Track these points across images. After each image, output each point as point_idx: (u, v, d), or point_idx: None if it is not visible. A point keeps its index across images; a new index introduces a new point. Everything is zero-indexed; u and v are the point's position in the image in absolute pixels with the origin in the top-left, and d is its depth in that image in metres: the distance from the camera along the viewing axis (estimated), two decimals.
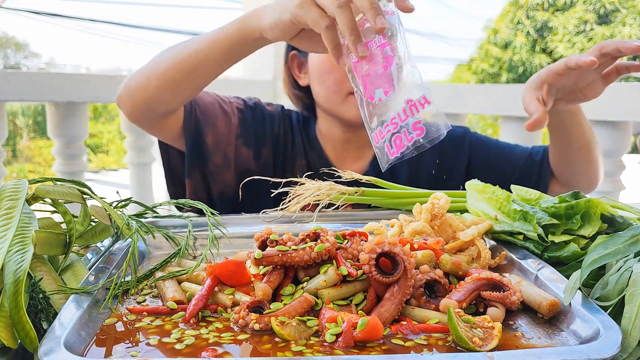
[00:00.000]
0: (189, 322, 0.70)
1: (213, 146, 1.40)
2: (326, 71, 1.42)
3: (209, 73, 1.25)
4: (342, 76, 1.40)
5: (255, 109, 1.49)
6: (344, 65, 0.95)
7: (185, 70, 1.24)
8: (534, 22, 15.44)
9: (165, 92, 1.27)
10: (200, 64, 1.23)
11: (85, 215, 0.88)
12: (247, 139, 1.46)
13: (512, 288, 0.73)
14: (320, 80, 1.45)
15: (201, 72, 1.24)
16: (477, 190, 1.04)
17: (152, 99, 1.28)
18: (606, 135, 2.32)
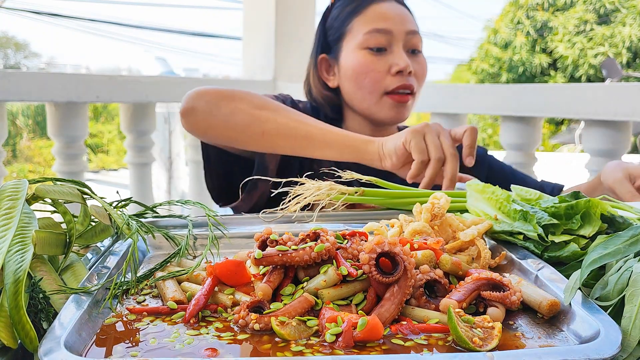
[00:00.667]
0: (189, 322, 0.70)
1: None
2: (362, 72, 1.47)
3: (294, 153, 1.32)
4: (378, 76, 1.46)
5: (294, 106, 1.54)
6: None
7: (290, 146, 1.30)
8: (534, 22, 15.45)
9: (259, 147, 1.32)
10: (307, 152, 1.31)
11: (85, 215, 0.88)
12: None
13: (512, 288, 0.73)
14: (356, 81, 1.49)
15: (301, 153, 1.31)
16: (477, 190, 1.04)
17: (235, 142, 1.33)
18: (606, 135, 2.32)
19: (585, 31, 14.75)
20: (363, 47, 1.47)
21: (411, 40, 1.49)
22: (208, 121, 1.32)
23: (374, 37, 1.46)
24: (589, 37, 14.62)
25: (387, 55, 1.47)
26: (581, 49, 14.52)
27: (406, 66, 1.45)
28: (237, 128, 1.30)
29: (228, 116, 1.30)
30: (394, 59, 1.46)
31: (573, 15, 14.91)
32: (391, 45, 1.47)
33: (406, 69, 1.45)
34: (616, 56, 14.12)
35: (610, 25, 14.54)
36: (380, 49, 1.46)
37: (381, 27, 1.46)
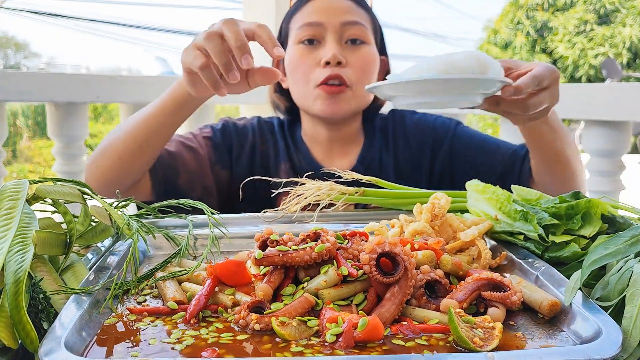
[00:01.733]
0: (190, 322, 0.70)
1: (188, 184, 1.42)
2: (295, 66, 1.45)
3: (163, 139, 1.32)
4: (308, 69, 1.43)
5: (225, 130, 1.52)
6: (224, 94, 1.11)
7: (139, 144, 1.30)
8: (534, 22, 15.45)
9: (129, 167, 1.32)
10: (152, 135, 1.30)
11: (85, 215, 0.88)
12: (223, 162, 1.49)
13: (513, 288, 0.73)
14: (291, 77, 1.48)
15: (155, 140, 1.31)
16: (477, 191, 1.04)
17: (117, 177, 1.33)
18: (606, 135, 2.32)
19: (586, 31, 14.75)
20: (297, 41, 1.45)
21: (348, 31, 1.44)
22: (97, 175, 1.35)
23: (304, 30, 1.44)
24: (589, 38, 14.62)
25: (319, 48, 1.44)
26: (581, 49, 14.52)
27: (333, 56, 1.40)
28: (108, 170, 1.33)
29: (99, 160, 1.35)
30: (324, 51, 1.43)
31: (573, 16, 14.91)
32: (324, 38, 1.44)
33: (334, 59, 1.40)
34: (616, 56, 14.13)
35: (610, 26, 14.55)
36: (311, 41, 1.44)
37: (312, 20, 1.44)
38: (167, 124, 1.30)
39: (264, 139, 1.54)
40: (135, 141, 1.30)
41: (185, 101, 1.26)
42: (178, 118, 1.30)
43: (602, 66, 11.78)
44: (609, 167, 2.37)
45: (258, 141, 1.53)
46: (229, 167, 1.50)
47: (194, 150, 1.45)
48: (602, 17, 14.81)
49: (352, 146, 1.54)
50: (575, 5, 15.18)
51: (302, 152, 1.52)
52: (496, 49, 15.73)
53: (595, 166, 2.39)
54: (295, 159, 1.52)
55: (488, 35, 16.33)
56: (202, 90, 1.20)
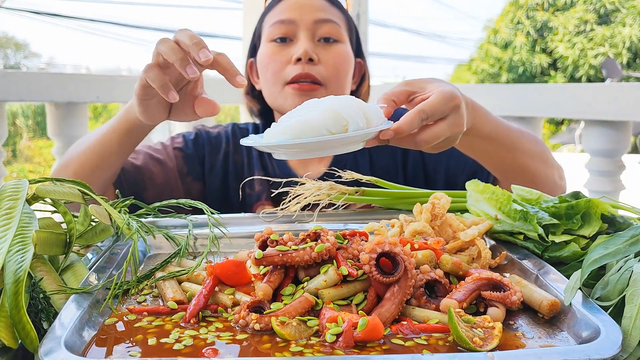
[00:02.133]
0: (189, 322, 0.70)
1: (156, 197, 1.37)
2: (265, 64, 1.43)
3: (115, 160, 1.28)
4: (279, 66, 1.40)
5: (197, 140, 1.49)
6: (174, 99, 1.00)
7: (91, 167, 1.27)
8: (534, 22, 15.45)
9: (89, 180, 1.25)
10: (103, 160, 1.27)
11: (85, 215, 0.88)
12: (196, 173, 1.46)
13: (513, 288, 0.73)
14: (262, 76, 1.45)
15: (107, 163, 1.28)
16: (477, 190, 1.04)
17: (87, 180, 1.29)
18: (606, 135, 2.32)
19: (586, 31, 14.75)
20: (269, 39, 1.43)
21: (321, 29, 1.41)
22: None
23: (276, 28, 1.42)
24: (589, 38, 14.62)
25: (291, 45, 1.41)
26: (581, 49, 14.52)
27: (304, 53, 1.36)
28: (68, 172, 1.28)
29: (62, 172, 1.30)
30: (295, 48, 1.40)
31: (573, 16, 14.91)
32: (296, 35, 1.41)
33: (305, 55, 1.36)
34: (616, 56, 14.13)
35: (610, 26, 14.54)
36: (283, 39, 1.42)
37: (284, 18, 1.42)
38: (116, 150, 1.26)
39: (237, 147, 1.50)
40: (89, 161, 1.27)
41: (134, 127, 1.21)
42: (127, 143, 1.26)
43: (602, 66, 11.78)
44: (609, 167, 2.37)
45: (231, 150, 1.49)
46: (201, 178, 1.46)
47: (162, 163, 1.41)
48: (602, 17, 14.81)
49: None
50: (576, 5, 15.17)
51: (276, 160, 1.46)
52: (496, 49, 15.74)
53: (595, 166, 2.39)
54: (269, 166, 1.48)
55: (488, 35, 16.33)
56: (151, 115, 1.13)
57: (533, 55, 15.29)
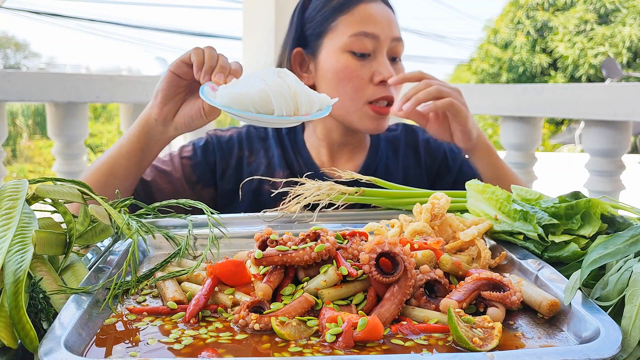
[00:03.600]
0: (189, 322, 0.70)
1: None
2: (345, 77, 1.38)
3: (128, 174, 1.28)
4: (361, 84, 1.37)
5: (207, 146, 1.47)
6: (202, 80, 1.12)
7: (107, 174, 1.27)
8: (534, 21, 15.45)
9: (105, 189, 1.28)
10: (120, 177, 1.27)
11: (85, 215, 0.88)
12: (207, 180, 1.44)
13: (512, 288, 0.73)
14: (337, 86, 1.40)
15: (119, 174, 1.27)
16: (477, 190, 1.04)
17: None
18: (606, 135, 2.32)
19: (586, 31, 14.75)
20: (347, 49, 1.38)
21: (395, 48, 1.41)
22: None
23: (360, 40, 1.37)
24: (589, 37, 14.62)
25: (371, 61, 1.39)
26: (581, 48, 14.52)
27: (390, 76, 1.37)
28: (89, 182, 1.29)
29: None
30: (378, 67, 1.38)
31: (573, 15, 14.91)
32: (375, 52, 1.39)
33: (389, 79, 1.37)
34: (616, 56, 14.13)
35: (610, 25, 14.54)
36: (364, 54, 1.38)
37: (369, 32, 1.37)
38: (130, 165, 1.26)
39: (252, 150, 1.48)
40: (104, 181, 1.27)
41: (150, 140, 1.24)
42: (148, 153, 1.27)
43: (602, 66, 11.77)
44: (609, 167, 2.37)
45: (246, 153, 1.47)
46: (212, 185, 1.45)
47: (168, 174, 1.41)
48: (602, 16, 14.81)
49: (357, 151, 1.51)
50: (576, 4, 15.17)
51: (303, 156, 1.48)
52: (496, 49, 15.73)
53: (595, 166, 2.39)
54: (295, 164, 1.47)
55: (488, 35, 16.33)
56: (166, 111, 1.21)
57: (533, 55, 15.29)
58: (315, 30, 1.44)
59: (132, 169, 1.27)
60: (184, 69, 1.18)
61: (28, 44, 30.95)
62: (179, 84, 1.20)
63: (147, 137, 1.24)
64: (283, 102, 0.98)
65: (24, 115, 12.42)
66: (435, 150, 1.57)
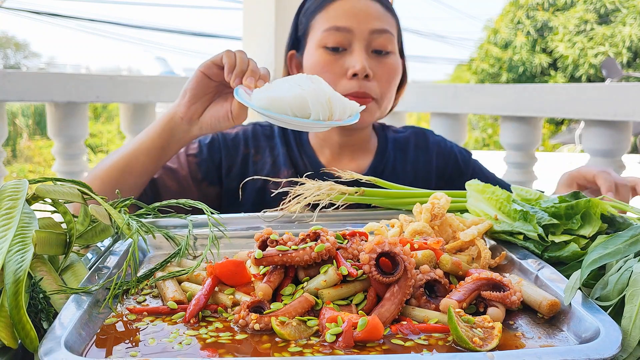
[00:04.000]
0: (189, 322, 0.70)
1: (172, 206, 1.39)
2: (319, 72, 1.38)
3: (145, 172, 1.28)
4: (333, 79, 1.37)
5: (213, 144, 1.46)
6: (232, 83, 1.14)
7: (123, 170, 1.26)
8: (534, 21, 15.45)
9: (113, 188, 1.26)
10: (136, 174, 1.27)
11: (85, 215, 0.88)
12: (211, 178, 1.44)
13: (512, 288, 0.73)
14: None
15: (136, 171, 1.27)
16: (477, 190, 1.04)
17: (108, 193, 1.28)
18: (606, 135, 2.32)
19: (586, 31, 14.75)
20: (321, 45, 1.38)
21: (376, 40, 1.37)
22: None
23: (332, 35, 1.36)
24: (589, 37, 14.62)
25: (345, 55, 1.37)
26: (581, 48, 14.52)
27: (362, 69, 1.34)
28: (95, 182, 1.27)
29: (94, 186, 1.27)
30: (351, 61, 1.35)
31: (573, 15, 14.91)
32: (351, 45, 1.37)
33: (362, 72, 1.34)
34: (616, 56, 14.13)
35: (610, 25, 14.55)
36: (337, 48, 1.37)
37: (341, 25, 1.36)
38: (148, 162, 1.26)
39: (258, 148, 1.48)
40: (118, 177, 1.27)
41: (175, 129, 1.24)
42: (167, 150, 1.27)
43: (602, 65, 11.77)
44: (609, 167, 2.37)
45: (252, 151, 1.47)
46: (218, 182, 1.45)
47: (174, 172, 1.40)
48: (603, 16, 14.81)
49: (361, 152, 1.51)
50: (576, 4, 15.18)
51: (308, 156, 1.48)
52: (496, 49, 15.73)
53: (595, 166, 2.39)
54: (300, 163, 1.47)
55: (488, 35, 16.32)
56: (194, 109, 1.21)
57: (533, 55, 15.29)
58: (302, 32, 1.46)
59: (150, 167, 1.27)
60: (214, 70, 1.18)
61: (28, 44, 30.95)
62: (208, 84, 1.20)
63: (170, 135, 1.24)
64: (319, 106, 1.01)
65: (24, 115, 12.43)
66: (448, 152, 1.57)
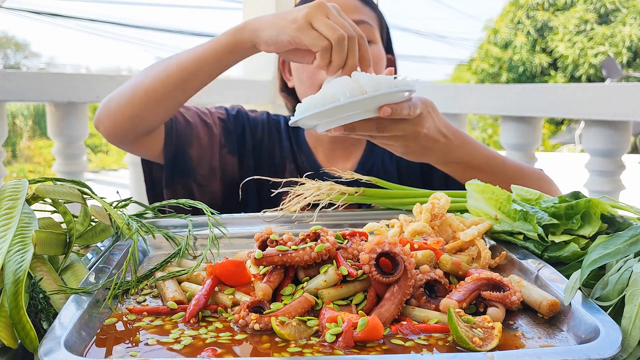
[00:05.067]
0: (189, 322, 0.70)
1: (198, 158, 1.41)
2: (300, 66, 1.42)
3: (196, 85, 1.27)
4: (314, 71, 1.39)
5: (238, 117, 1.50)
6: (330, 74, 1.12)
7: (172, 84, 1.25)
8: (534, 21, 15.45)
9: (150, 109, 1.28)
10: (190, 76, 1.25)
11: (85, 215, 0.88)
12: (231, 147, 1.47)
13: (512, 288, 0.73)
14: (296, 76, 1.46)
15: (189, 84, 1.26)
16: (477, 190, 1.04)
17: (135, 117, 1.29)
18: (606, 135, 2.32)
19: (586, 31, 14.75)
20: None
21: None
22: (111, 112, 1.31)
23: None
24: (589, 37, 14.62)
25: None
26: (581, 48, 14.52)
27: None
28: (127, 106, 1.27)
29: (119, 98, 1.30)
30: None
31: (573, 15, 14.91)
32: None
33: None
34: (616, 56, 14.13)
35: (610, 25, 14.55)
36: None
37: None
38: (210, 70, 1.25)
39: (271, 138, 1.52)
40: (168, 83, 1.25)
41: (244, 50, 1.22)
42: (224, 65, 1.25)
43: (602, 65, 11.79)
44: (609, 167, 2.37)
45: (266, 138, 1.51)
46: (236, 154, 1.47)
47: (209, 126, 1.43)
48: (603, 16, 14.81)
49: (354, 150, 1.52)
50: (576, 4, 15.18)
51: (305, 153, 1.51)
52: (496, 49, 15.74)
53: (595, 166, 2.39)
54: (299, 159, 1.50)
55: (488, 35, 16.33)
56: (296, 58, 1.20)
57: (533, 55, 15.30)
58: None
59: (214, 74, 1.27)
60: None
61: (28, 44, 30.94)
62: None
63: (237, 56, 1.23)
64: (343, 86, 0.97)
65: (24, 115, 12.42)
66: None
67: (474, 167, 1.27)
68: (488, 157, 1.30)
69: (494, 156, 1.31)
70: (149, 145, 1.37)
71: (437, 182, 1.51)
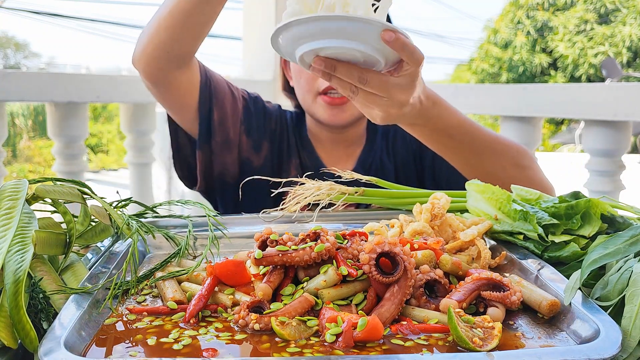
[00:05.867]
0: (189, 322, 0.70)
1: (218, 123, 1.41)
2: (298, 70, 1.44)
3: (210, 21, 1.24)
4: (311, 76, 1.40)
5: (257, 102, 1.52)
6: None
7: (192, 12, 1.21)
8: (534, 21, 15.45)
9: (178, 30, 1.24)
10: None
11: (85, 215, 0.88)
12: (249, 128, 1.48)
13: (512, 288, 0.73)
14: (295, 80, 1.47)
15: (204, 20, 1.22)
16: (477, 190, 1.04)
17: (165, 42, 1.26)
18: (606, 135, 2.32)
19: (586, 31, 14.75)
20: None
21: None
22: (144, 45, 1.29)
23: None
24: (589, 37, 14.62)
25: None
26: (581, 48, 14.52)
27: None
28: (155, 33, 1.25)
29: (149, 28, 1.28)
30: None
31: (573, 15, 14.91)
32: None
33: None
34: (616, 55, 14.13)
35: (610, 25, 14.55)
36: None
37: None
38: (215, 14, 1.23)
39: (282, 131, 1.53)
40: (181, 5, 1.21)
41: None
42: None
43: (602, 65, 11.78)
44: (609, 167, 2.37)
45: (278, 130, 1.52)
46: (251, 135, 1.48)
47: (235, 98, 1.45)
48: (603, 16, 14.81)
49: (354, 148, 1.53)
50: (576, 4, 15.18)
51: (307, 150, 1.52)
52: (496, 49, 15.73)
53: (595, 166, 2.39)
54: (302, 155, 1.52)
55: (488, 35, 16.33)
56: None
57: (533, 54, 15.29)
58: None
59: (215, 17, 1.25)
60: None
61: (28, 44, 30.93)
62: None
63: None
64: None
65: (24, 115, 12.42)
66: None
67: (443, 131, 1.19)
68: (459, 121, 1.21)
69: (466, 122, 1.23)
70: (185, 87, 1.34)
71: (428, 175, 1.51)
